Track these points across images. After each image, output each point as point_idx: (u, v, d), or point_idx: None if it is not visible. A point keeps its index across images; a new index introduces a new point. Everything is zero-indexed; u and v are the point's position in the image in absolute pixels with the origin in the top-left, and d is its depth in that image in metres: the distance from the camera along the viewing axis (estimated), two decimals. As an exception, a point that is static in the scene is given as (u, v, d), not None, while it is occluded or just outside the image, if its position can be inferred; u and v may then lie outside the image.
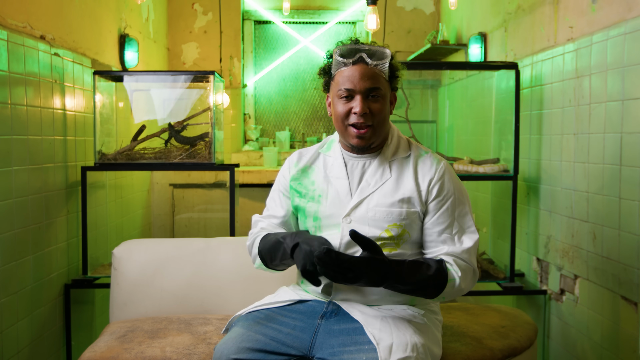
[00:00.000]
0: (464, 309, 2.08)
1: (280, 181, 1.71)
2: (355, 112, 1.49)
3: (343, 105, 1.52)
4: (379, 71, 1.51)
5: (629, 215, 1.93)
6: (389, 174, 1.56)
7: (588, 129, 2.18)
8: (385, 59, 1.50)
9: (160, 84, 2.88)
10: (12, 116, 2.07)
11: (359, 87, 1.49)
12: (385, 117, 1.53)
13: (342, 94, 1.52)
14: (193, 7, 4.42)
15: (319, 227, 1.59)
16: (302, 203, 1.63)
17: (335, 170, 1.61)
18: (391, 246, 1.53)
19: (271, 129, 4.68)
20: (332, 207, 1.57)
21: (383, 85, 1.52)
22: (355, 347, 1.43)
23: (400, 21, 4.47)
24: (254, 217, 1.75)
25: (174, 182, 4.05)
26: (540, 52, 2.59)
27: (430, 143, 3.64)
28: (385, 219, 1.53)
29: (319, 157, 1.67)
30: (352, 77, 1.49)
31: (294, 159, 1.69)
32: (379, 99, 1.51)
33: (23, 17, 2.17)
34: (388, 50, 1.52)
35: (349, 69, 1.50)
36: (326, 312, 1.55)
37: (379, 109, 1.51)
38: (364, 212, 1.54)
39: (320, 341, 1.47)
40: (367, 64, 1.50)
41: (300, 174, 1.65)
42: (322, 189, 1.61)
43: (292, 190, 1.66)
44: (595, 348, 2.14)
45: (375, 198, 1.54)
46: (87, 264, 2.59)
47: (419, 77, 3.71)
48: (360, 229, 1.51)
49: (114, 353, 1.70)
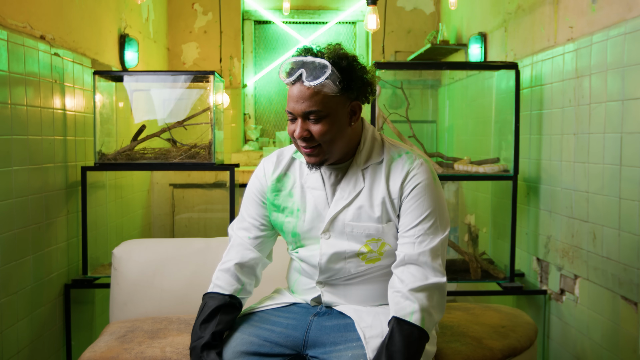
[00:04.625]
0: (464, 309, 2.08)
1: (254, 186, 1.63)
2: (295, 137, 1.44)
3: (290, 125, 1.47)
4: (319, 90, 1.39)
5: (629, 215, 1.93)
6: (362, 183, 1.50)
7: (588, 129, 2.18)
8: (322, 76, 1.37)
9: (160, 84, 2.88)
10: (12, 116, 2.07)
11: (297, 110, 1.42)
12: (333, 136, 1.43)
13: (288, 115, 1.46)
14: (193, 7, 4.42)
15: (299, 241, 1.57)
16: (280, 218, 1.58)
17: (310, 180, 1.55)
18: (373, 257, 1.50)
19: (271, 129, 4.68)
20: (310, 222, 1.53)
21: (325, 104, 1.40)
22: (345, 345, 1.44)
23: (400, 21, 4.47)
24: (230, 230, 1.68)
25: (174, 182, 4.05)
26: (540, 52, 2.59)
27: (430, 143, 3.64)
28: (362, 234, 1.48)
29: (294, 163, 1.60)
30: (291, 99, 1.42)
31: (271, 165, 1.61)
32: (319, 120, 1.41)
33: (23, 17, 2.17)
34: (328, 63, 1.37)
35: (290, 89, 1.43)
36: (319, 312, 1.57)
37: (319, 130, 1.41)
38: (341, 226, 1.49)
39: (313, 338, 1.48)
40: (305, 85, 1.39)
41: (276, 183, 1.59)
42: (299, 201, 1.55)
43: (270, 203, 1.60)
44: (595, 348, 2.14)
45: (350, 212, 1.49)
46: (87, 264, 2.59)
47: (419, 77, 3.71)
48: (340, 244, 1.50)
49: (114, 353, 1.70)
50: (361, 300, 1.54)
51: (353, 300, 1.54)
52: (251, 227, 1.63)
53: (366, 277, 1.52)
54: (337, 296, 1.55)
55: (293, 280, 1.65)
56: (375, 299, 1.54)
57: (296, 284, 1.63)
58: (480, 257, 2.77)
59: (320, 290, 1.56)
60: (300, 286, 1.61)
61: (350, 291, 1.54)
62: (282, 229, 1.59)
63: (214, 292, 1.56)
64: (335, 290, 1.55)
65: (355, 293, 1.54)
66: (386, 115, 2.68)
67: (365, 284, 1.53)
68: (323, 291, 1.56)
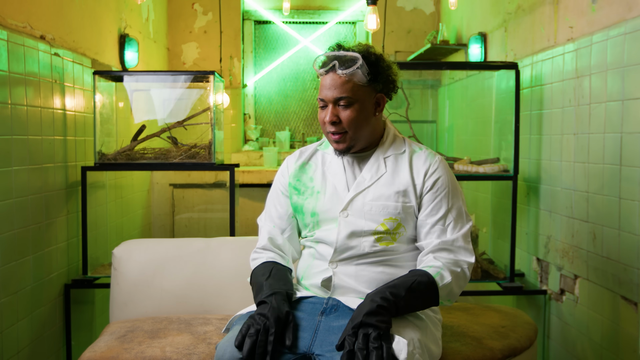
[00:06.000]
0: (464, 309, 2.08)
1: (279, 180, 1.75)
2: (325, 122, 1.57)
3: (320, 113, 1.60)
4: (350, 78, 1.54)
5: (629, 215, 1.93)
6: (384, 168, 1.61)
7: (588, 129, 2.18)
8: (353, 66, 1.52)
9: (160, 84, 2.88)
10: (12, 116, 2.07)
11: (328, 96, 1.55)
12: (360, 123, 1.56)
13: (319, 103, 1.59)
14: (193, 7, 4.42)
15: (317, 223, 1.64)
16: (301, 200, 1.67)
17: (332, 167, 1.66)
18: (387, 240, 1.58)
19: (271, 129, 4.68)
20: (329, 202, 1.62)
21: (355, 92, 1.54)
22: None
23: (400, 21, 4.47)
24: (259, 222, 1.78)
25: (174, 182, 4.05)
26: (540, 52, 2.59)
27: (430, 143, 3.64)
28: (381, 212, 1.57)
29: (316, 153, 1.72)
30: (324, 87, 1.57)
31: (294, 157, 1.74)
32: (349, 106, 1.55)
33: (23, 17, 2.17)
34: (358, 55, 1.53)
35: (323, 78, 1.58)
36: (326, 308, 1.56)
37: (348, 116, 1.55)
38: (360, 205, 1.58)
39: (321, 338, 1.48)
40: (338, 73, 1.54)
41: (298, 171, 1.70)
42: (320, 184, 1.65)
43: (291, 188, 1.70)
44: (595, 348, 2.14)
45: (371, 192, 1.59)
46: (87, 264, 2.59)
47: (419, 77, 3.71)
48: (357, 223, 1.57)
49: (114, 353, 1.70)
50: (370, 284, 1.56)
51: (363, 284, 1.56)
52: (275, 217, 1.73)
53: (378, 259, 1.58)
54: (348, 277, 1.57)
55: (304, 267, 1.68)
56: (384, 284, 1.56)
57: (307, 269, 1.66)
58: (480, 257, 2.77)
59: (333, 271, 1.59)
60: (312, 270, 1.64)
61: (361, 272, 1.57)
62: (302, 210, 1.66)
63: (275, 261, 1.64)
64: (347, 271, 1.58)
65: (366, 275, 1.57)
66: (386, 115, 2.67)
67: (377, 266, 1.57)
68: (335, 272, 1.58)
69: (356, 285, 1.57)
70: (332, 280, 1.58)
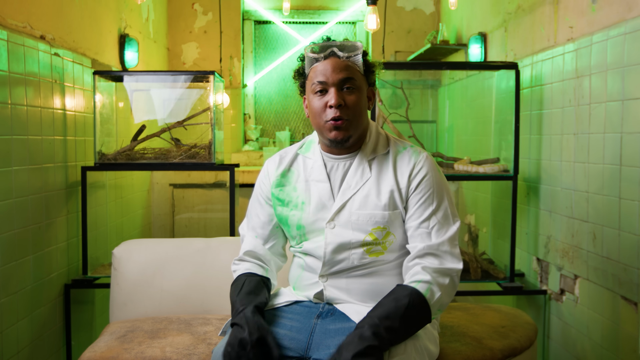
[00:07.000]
0: (464, 309, 2.08)
1: (260, 188, 1.67)
2: (331, 105, 1.46)
3: (318, 100, 1.49)
4: (352, 64, 1.49)
5: (629, 215, 1.93)
6: (369, 173, 1.53)
7: (588, 129, 2.18)
8: (357, 51, 1.48)
9: (160, 84, 2.88)
10: (12, 116, 2.07)
11: (332, 79, 1.47)
12: (361, 111, 1.50)
13: (316, 88, 1.49)
14: (193, 7, 4.42)
15: (304, 235, 1.58)
16: (285, 212, 1.60)
17: (315, 173, 1.58)
18: (377, 251, 1.52)
19: (271, 129, 4.68)
20: (315, 214, 1.55)
21: (358, 77, 1.50)
22: None
23: (400, 21, 4.47)
24: (241, 230, 1.72)
25: (174, 182, 4.05)
26: (540, 52, 2.59)
27: (430, 143, 3.64)
28: (368, 222, 1.50)
29: (297, 158, 1.63)
30: (324, 71, 1.47)
31: (274, 164, 1.65)
32: (354, 90, 1.48)
33: (23, 17, 2.17)
34: (360, 43, 1.50)
35: (321, 63, 1.49)
36: (322, 312, 1.55)
37: (354, 100, 1.48)
38: (347, 216, 1.51)
39: (317, 342, 1.47)
40: (339, 57, 1.48)
41: (280, 179, 1.62)
42: (304, 195, 1.57)
43: (274, 198, 1.62)
44: (595, 348, 2.14)
45: (357, 200, 1.52)
46: (87, 264, 2.59)
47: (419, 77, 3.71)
48: (344, 234, 1.51)
49: (114, 353, 1.70)
50: (363, 296, 1.53)
51: (355, 296, 1.53)
52: (257, 226, 1.67)
53: (369, 270, 1.53)
54: (339, 291, 1.54)
55: (295, 277, 1.65)
56: (377, 295, 1.53)
57: (298, 281, 1.63)
58: (480, 257, 2.77)
59: (323, 285, 1.55)
60: (303, 282, 1.61)
61: (352, 285, 1.53)
62: (287, 222, 1.60)
63: (250, 272, 1.59)
64: (337, 284, 1.54)
65: (358, 287, 1.53)
66: (386, 115, 2.68)
67: (368, 277, 1.53)
68: (326, 285, 1.55)
69: (348, 297, 1.54)
70: (323, 294, 1.56)
